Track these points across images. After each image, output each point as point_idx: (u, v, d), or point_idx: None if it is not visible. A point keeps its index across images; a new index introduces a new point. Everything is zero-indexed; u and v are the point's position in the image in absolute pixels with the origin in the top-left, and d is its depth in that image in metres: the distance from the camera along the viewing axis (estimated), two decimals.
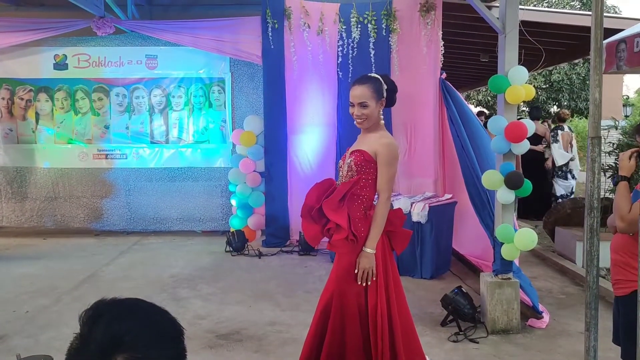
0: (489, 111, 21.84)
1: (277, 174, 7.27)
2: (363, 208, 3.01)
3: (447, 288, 5.01)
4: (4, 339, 4.27)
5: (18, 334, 4.37)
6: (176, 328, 1.13)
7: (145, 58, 7.95)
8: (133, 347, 1.03)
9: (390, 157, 2.98)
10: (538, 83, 20.21)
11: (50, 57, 7.97)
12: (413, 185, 7.01)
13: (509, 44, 4.42)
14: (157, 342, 1.06)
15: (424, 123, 6.96)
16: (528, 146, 4.45)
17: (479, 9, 4.62)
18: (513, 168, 4.38)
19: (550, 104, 21.77)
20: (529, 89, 4.37)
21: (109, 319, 1.06)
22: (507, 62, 4.42)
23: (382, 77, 3.16)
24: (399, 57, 6.99)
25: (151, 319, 1.10)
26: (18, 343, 4.19)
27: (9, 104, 8.09)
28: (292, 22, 7.08)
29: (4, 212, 8.14)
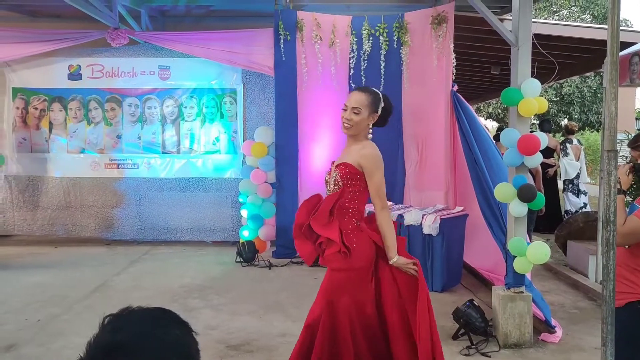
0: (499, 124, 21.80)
1: (288, 185, 7.28)
2: (355, 220, 3.02)
3: (458, 301, 4.98)
4: (15, 347, 4.28)
5: (30, 342, 4.39)
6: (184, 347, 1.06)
7: (158, 69, 8.02)
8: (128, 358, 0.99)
9: (373, 167, 2.98)
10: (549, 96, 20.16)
11: (65, 68, 8.06)
12: (424, 197, 6.99)
13: (522, 57, 4.42)
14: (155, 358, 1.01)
15: (435, 135, 6.95)
16: (541, 159, 4.43)
17: (492, 21, 4.63)
18: (526, 181, 4.36)
19: (560, 117, 21.70)
20: (542, 101, 4.36)
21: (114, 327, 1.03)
22: (520, 75, 4.41)
23: (384, 95, 3.19)
24: (410, 69, 7.01)
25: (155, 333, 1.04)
26: (29, 351, 4.20)
27: (24, 114, 8.17)
28: (304, 34, 7.12)
29: (16, 220, 8.20)
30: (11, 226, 8.20)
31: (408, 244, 5.87)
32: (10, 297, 5.59)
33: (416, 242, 5.91)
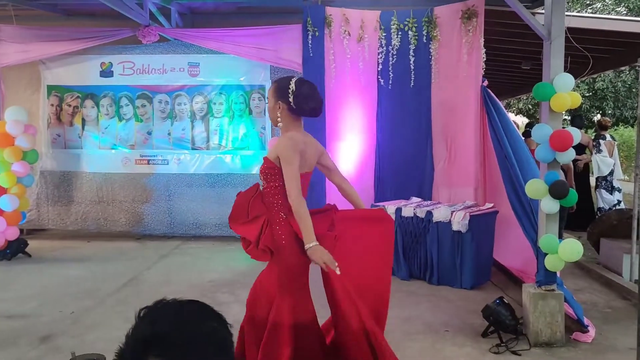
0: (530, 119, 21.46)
1: (316, 181, 7.26)
2: (282, 215, 2.96)
3: (487, 298, 4.92)
4: (51, 338, 4.39)
5: (64, 333, 4.49)
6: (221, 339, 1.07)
7: (188, 65, 8.10)
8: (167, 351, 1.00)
9: (284, 157, 2.86)
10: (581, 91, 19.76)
11: (97, 65, 8.20)
12: (453, 194, 6.93)
13: (555, 51, 4.34)
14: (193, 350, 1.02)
15: (465, 131, 6.88)
16: (573, 155, 4.35)
17: (524, 15, 4.56)
18: (558, 177, 4.29)
19: (593, 113, 21.25)
20: (575, 96, 4.28)
21: (152, 319, 1.05)
22: (552, 70, 4.33)
23: (298, 80, 3.01)
24: (440, 64, 6.95)
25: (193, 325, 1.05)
26: (64, 343, 4.30)
27: (58, 111, 8.35)
28: (332, 29, 7.11)
29: (50, 215, 8.38)
30: (45, 220, 8.39)
31: (437, 241, 5.88)
32: (45, 289, 5.73)
33: (445, 239, 5.87)
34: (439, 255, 5.92)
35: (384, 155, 7.15)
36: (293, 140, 2.89)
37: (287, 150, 2.84)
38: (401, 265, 6.14)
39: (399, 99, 7.05)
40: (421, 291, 5.73)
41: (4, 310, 5.04)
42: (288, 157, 2.83)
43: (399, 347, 4.24)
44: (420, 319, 4.86)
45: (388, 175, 7.13)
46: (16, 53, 7.41)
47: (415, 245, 6.11)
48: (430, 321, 4.80)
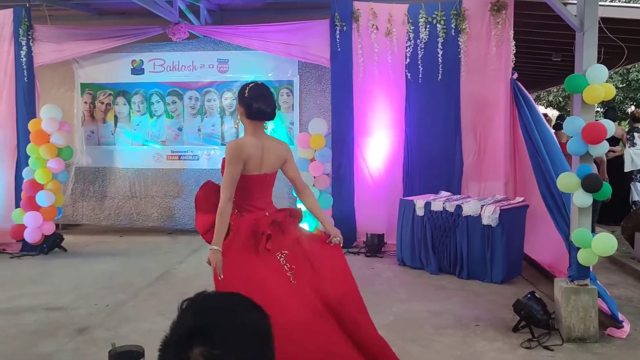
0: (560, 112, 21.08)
1: (344, 176, 7.30)
2: (236, 211, 3.13)
3: (518, 293, 4.88)
4: (87, 330, 4.51)
5: (100, 326, 4.60)
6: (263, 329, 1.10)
7: (217, 62, 8.18)
8: (211, 340, 1.02)
9: (226, 160, 3.04)
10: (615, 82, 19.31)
11: (128, 63, 8.34)
12: (483, 188, 6.89)
13: (588, 42, 4.26)
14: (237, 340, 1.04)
15: (495, 124, 6.83)
16: (607, 148, 4.28)
17: (555, 6, 4.49)
18: (590, 170, 4.22)
19: (627, 104, 20.76)
20: (609, 88, 4.20)
21: (195, 310, 1.08)
22: (585, 61, 4.26)
23: (252, 85, 3.16)
24: (468, 57, 6.89)
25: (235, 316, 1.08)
26: (99, 335, 4.41)
27: (91, 108, 8.52)
28: (360, 24, 7.10)
29: (84, 210, 8.57)
30: (80, 216, 8.58)
31: (467, 235, 5.85)
32: (81, 283, 5.87)
33: (475, 233, 5.83)
34: (468, 249, 5.89)
35: (413, 150, 7.13)
36: (236, 145, 3.08)
37: (229, 155, 3.03)
38: (430, 259, 6.13)
39: (428, 92, 7.02)
40: (451, 285, 5.71)
41: (43, 303, 5.19)
42: (229, 160, 3.03)
43: (429, 341, 4.24)
44: (450, 313, 4.85)
45: (417, 169, 7.10)
46: (51, 52, 7.58)
47: (445, 240, 6.08)
48: (461, 315, 4.78)
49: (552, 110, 23.31)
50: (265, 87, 3.19)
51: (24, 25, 7.41)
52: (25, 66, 7.45)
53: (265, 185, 3.22)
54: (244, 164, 3.04)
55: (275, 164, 3.23)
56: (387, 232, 7.02)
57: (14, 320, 4.73)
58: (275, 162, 3.22)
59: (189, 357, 1.01)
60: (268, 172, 3.21)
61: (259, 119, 3.11)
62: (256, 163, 3.10)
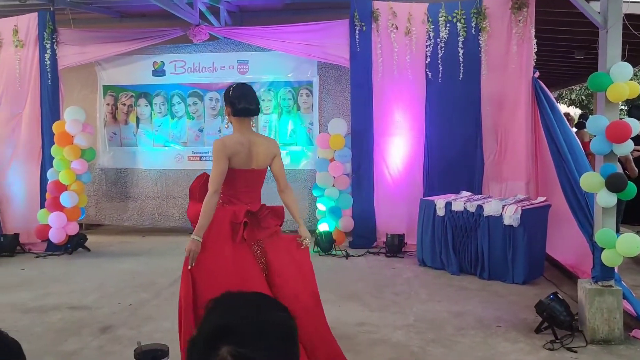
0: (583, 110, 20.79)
1: (364, 176, 7.30)
2: (221, 201, 3.30)
3: (541, 294, 4.84)
4: (111, 329, 4.57)
5: (123, 325, 4.67)
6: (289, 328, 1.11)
7: (237, 63, 8.23)
8: (239, 339, 1.03)
9: (213, 156, 3.24)
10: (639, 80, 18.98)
11: (150, 65, 8.43)
12: (504, 187, 6.83)
13: (612, 39, 4.21)
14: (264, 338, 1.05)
15: (516, 123, 6.77)
16: (632, 147, 4.22)
17: (578, 3, 4.44)
18: (615, 169, 4.17)
19: None
20: (634, 86, 4.14)
21: (222, 310, 1.09)
22: (609, 59, 4.21)
23: (235, 85, 3.40)
24: (489, 56, 6.84)
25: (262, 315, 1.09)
26: (123, 333, 4.47)
27: (113, 110, 8.64)
28: (379, 24, 7.09)
29: (107, 211, 8.69)
30: (103, 216, 8.70)
31: (488, 235, 5.81)
32: (104, 282, 5.96)
33: (496, 234, 5.79)
34: (490, 249, 5.85)
35: (433, 149, 7.10)
36: (222, 142, 3.28)
37: (215, 151, 3.24)
38: (451, 259, 6.10)
39: (448, 91, 6.98)
40: (472, 286, 5.68)
41: (68, 302, 5.28)
42: (215, 157, 3.24)
43: (450, 342, 4.23)
44: (471, 314, 4.82)
45: (437, 169, 7.07)
46: (74, 55, 7.69)
47: (466, 240, 6.05)
48: (482, 316, 4.75)
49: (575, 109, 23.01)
50: (247, 87, 3.42)
51: (49, 29, 7.53)
52: (49, 69, 7.57)
53: (253, 180, 3.41)
54: (230, 160, 3.25)
55: (265, 159, 3.40)
56: (407, 232, 7.01)
57: (40, 319, 4.83)
58: (265, 158, 3.40)
59: (217, 355, 1.02)
60: (258, 167, 3.38)
61: (244, 115, 3.34)
62: (243, 158, 3.29)
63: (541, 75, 6.83)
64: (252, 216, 3.28)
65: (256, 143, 3.36)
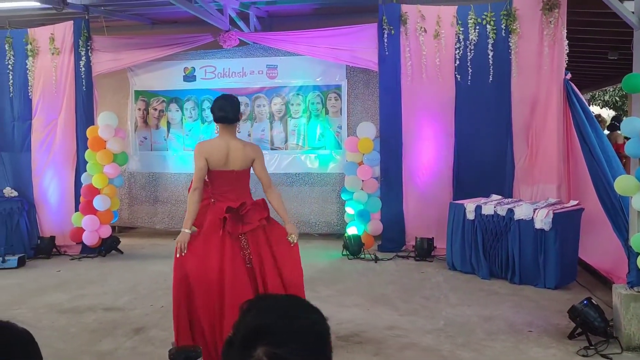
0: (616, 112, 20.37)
1: (393, 179, 7.29)
2: (212, 199, 3.73)
3: (573, 299, 4.77)
4: (144, 330, 4.66)
5: (155, 326, 4.75)
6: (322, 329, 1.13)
7: (266, 68, 8.30)
8: (274, 340, 1.06)
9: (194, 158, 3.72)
10: None
11: (181, 70, 8.57)
12: (535, 191, 6.73)
13: None
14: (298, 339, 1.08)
15: (547, 126, 6.68)
16: None
17: (612, 3, 4.38)
18: None
19: None
20: None
21: (257, 311, 1.12)
22: None
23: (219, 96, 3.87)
24: (520, 58, 6.77)
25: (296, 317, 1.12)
26: (155, 335, 4.56)
27: (144, 114, 8.79)
28: (408, 27, 7.08)
29: (138, 214, 8.84)
30: (134, 219, 8.86)
31: (519, 239, 5.74)
32: (137, 284, 6.07)
33: (527, 237, 5.72)
34: (521, 253, 5.78)
35: (463, 152, 7.05)
36: (199, 145, 3.78)
37: (195, 153, 3.72)
38: (481, 263, 6.04)
39: (478, 94, 6.93)
40: (502, 290, 5.62)
41: (102, 303, 5.40)
42: (194, 159, 3.70)
43: (481, 346, 4.20)
44: (502, 318, 4.78)
45: (467, 172, 7.02)
46: (108, 62, 7.87)
47: (496, 244, 5.99)
48: (513, 321, 4.70)
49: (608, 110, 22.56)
50: (228, 98, 3.84)
51: (83, 37, 7.71)
52: (84, 75, 7.75)
53: (233, 180, 3.74)
54: (207, 161, 3.65)
55: (243, 162, 3.73)
56: (436, 236, 6.96)
57: (75, 319, 4.95)
58: (243, 161, 3.73)
59: (252, 356, 1.05)
60: (236, 169, 3.72)
61: (222, 122, 3.75)
62: (220, 160, 3.67)
63: (573, 76, 6.73)
64: (234, 212, 3.60)
65: (234, 148, 3.71)
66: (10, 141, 7.96)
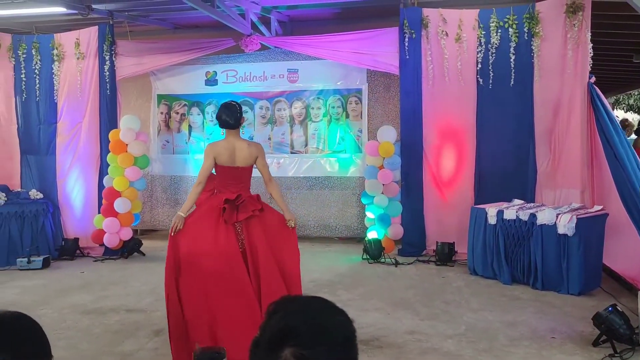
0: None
1: (414, 183, 7.26)
2: (216, 190, 4.24)
3: (598, 306, 4.71)
4: (164, 332, 4.67)
5: None
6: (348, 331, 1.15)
7: (287, 72, 8.34)
8: (301, 341, 1.07)
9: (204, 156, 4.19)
10: None
11: (202, 74, 8.65)
12: (558, 196, 6.66)
13: None
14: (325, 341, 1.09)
15: (570, 130, 6.60)
16: None
17: (636, 5, 4.32)
18: None
19: None
20: None
21: (284, 312, 1.13)
22: None
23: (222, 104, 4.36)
24: (542, 61, 6.71)
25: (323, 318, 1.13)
26: None
27: (167, 118, 8.89)
28: (429, 30, 7.06)
29: (159, 216, 8.93)
30: (156, 222, 8.96)
31: (541, 244, 5.67)
32: (158, 286, 6.06)
33: (550, 243, 5.66)
34: (543, 259, 5.71)
35: (484, 156, 7.00)
36: (210, 146, 4.27)
37: (205, 152, 4.20)
38: (503, 269, 5.99)
39: (500, 98, 6.88)
40: (525, 296, 5.56)
41: (125, 304, 5.47)
42: (204, 157, 4.18)
43: (503, 352, 4.16)
44: (525, 324, 4.73)
45: (488, 176, 6.96)
46: (131, 66, 7.97)
47: (518, 249, 5.93)
48: (536, 327, 4.65)
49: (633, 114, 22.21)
50: (229, 106, 4.31)
51: (108, 41, 7.82)
52: (108, 79, 7.86)
53: (238, 175, 4.22)
54: (216, 159, 4.15)
55: (247, 160, 4.21)
56: (457, 240, 6.92)
57: (98, 320, 5.02)
58: (247, 158, 4.20)
59: (280, 356, 1.06)
60: (241, 165, 4.19)
61: (225, 127, 4.28)
62: (227, 158, 4.16)
63: (597, 80, 6.65)
64: (231, 203, 4.03)
65: (240, 147, 4.21)
66: (36, 144, 8.11)
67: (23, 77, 8.09)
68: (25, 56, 8.07)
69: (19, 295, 5.92)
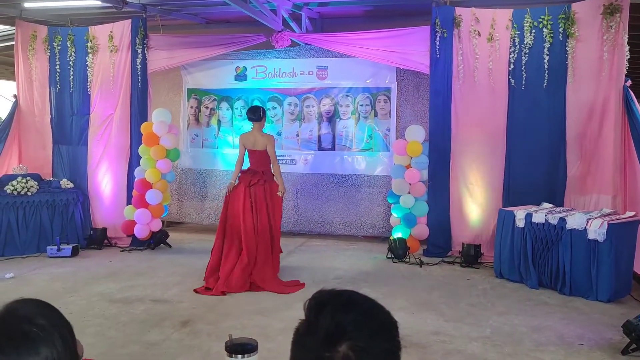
0: None
1: (441, 183, 7.20)
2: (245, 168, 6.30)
3: (628, 313, 4.62)
4: (190, 322, 4.76)
5: (201, 319, 4.84)
6: (392, 321, 1.19)
7: (317, 69, 8.35)
8: (356, 336, 1.11)
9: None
10: None
11: (232, 69, 8.71)
12: (588, 200, 6.53)
13: None
14: (377, 333, 1.13)
15: (603, 134, 6.47)
16: None
17: None
18: None
19: None
20: None
21: (333, 308, 1.15)
22: None
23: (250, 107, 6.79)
24: (577, 63, 6.58)
25: (371, 311, 1.18)
26: (202, 328, 4.64)
27: (196, 112, 8.98)
28: (461, 30, 6.99)
29: (187, 209, 9.03)
30: (183, 214, 9.06)
31: (570, 249, 5.58)
32: (184, 278, 6.20)
33: (579, 248, 5.56)
34: (572, 264, 5.62)
35: (514, 159, 6.90)
36: (240, 136, 6.41)
37: (238, 141, 6.39)
38: (530, 273, 5.91)
39: (531, 100, 6.78)
40: (552, 301, 5.47)
41: (151, 295, 5.54)
42: (239, 145, 6.35)
43: (529, 357, 4.11)
44: (551, 330, 4.66)
45: (518, 179, 6.87)
46: (163, 59, 8.07)
47: (546, 253, 5.84)
48: (563, 333, 4.58)
49: None
50: (253, 107, 6.46)
51: (140, 35, 7.93)
52: (140, 73, 7.97)
53: (258, 157, 6.15)
54: (244, 145, 6.23)
55: (262, 146, 6.12)
56: (484, 242, 6.85)
57: (125, 309, 5.09)
58: (262, 145, 6.13)
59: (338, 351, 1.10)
60: (258, 149, 6.13)
61: (250, 121, 6.29)
62: (251, 144, 6.17)
63: (633, 83, 6.50)
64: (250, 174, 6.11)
65: (258, 137, 6.16)
66: (68, 135, 8.27)
67: (58, 68, 8.25)
68: (60, 48, 8.23)
69: (49, 282, 6.05)
